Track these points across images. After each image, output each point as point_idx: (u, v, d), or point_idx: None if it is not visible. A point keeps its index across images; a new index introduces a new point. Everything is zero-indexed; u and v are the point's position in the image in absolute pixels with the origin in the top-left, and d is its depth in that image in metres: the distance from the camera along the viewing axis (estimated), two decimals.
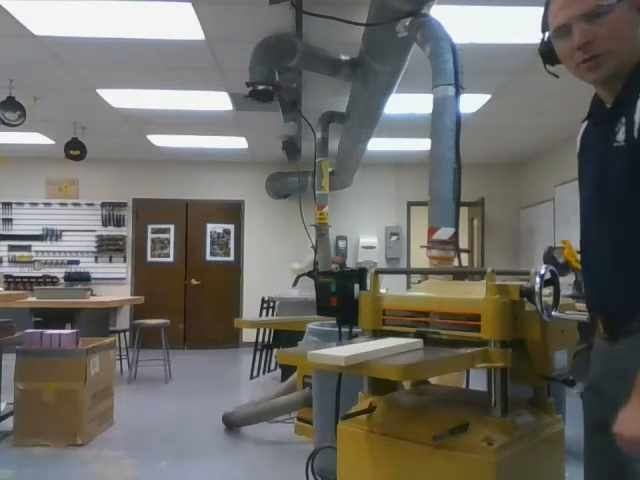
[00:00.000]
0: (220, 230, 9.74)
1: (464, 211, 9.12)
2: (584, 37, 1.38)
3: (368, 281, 2.25)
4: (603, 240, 1.45)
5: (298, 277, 7.65)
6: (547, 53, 1.54)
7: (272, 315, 7.34)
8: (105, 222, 9.52)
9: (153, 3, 4.07)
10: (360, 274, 2.34)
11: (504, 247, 9.45)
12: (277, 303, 7.20)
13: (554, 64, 1.53)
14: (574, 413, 1.97)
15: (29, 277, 9.16)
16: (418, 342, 1.88)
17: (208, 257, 9.70)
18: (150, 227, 9.63)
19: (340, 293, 2.29)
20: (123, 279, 9.50)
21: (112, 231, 9.53)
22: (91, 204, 9.51)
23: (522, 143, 8.24)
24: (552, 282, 1.77)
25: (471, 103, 6.00)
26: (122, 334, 7.07)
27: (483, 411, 1.84)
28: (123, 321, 9.01)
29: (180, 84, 5.80)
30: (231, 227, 9.75)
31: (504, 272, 2.06)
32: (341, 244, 9.52)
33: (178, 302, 9.52)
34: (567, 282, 5.10)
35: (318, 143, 6.17)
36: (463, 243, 7.18)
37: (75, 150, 7.24)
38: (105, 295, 8.26)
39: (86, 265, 9.43)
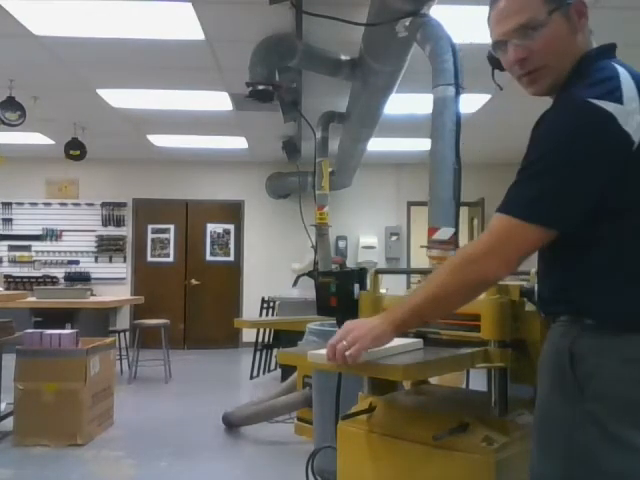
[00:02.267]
0: (220, 230, 9.74)
1: (464, 211, 9.11)
2: (518, 55, 1.39)
3: (368, 281, 2.25)
4: None
5: (298, 277, 7.65)
6: (493, 60, 1.52)
7: (272, 315, 7.33)
8: (105, 222, 9.51)
9: (153, 3, 4.07)
10: (360, 274, 2.34)
11: None
12: (277, 303, 7.19)
13: (502, 70, 1.52)
14: None
15: (29, 277, 9.16)
16: (418, 342, 1.88)
17: (208, 257, 9.69)
18: (150, 227, 9.62)
19: (340, 293, 2.29)
20: (123, 279, 9.50)
21: (112, 231, 9.53)
22: (91, 204, 9.50)
23: (522, 143, 8.16)
24: None
25: (471, 103, 6.00)
26: (122, 334, 7.06)
27: (483, 411, 1.84)
28: (123, 321, 9.00)
29: (180, 84, 5.80)
30: (231, 227, 9.74)
31: None
32: (341, 244, 9.52)
33: (178, 302, 9.52)
34: None
35: (318, 143, 6.16)
36: (463, 243, 7.14)
37: (75, 150, 7.24)
38: (105, 295, 8.25)
39: (86, 265, 9.43)
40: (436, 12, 3.53)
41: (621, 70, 1.30)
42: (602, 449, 1.26)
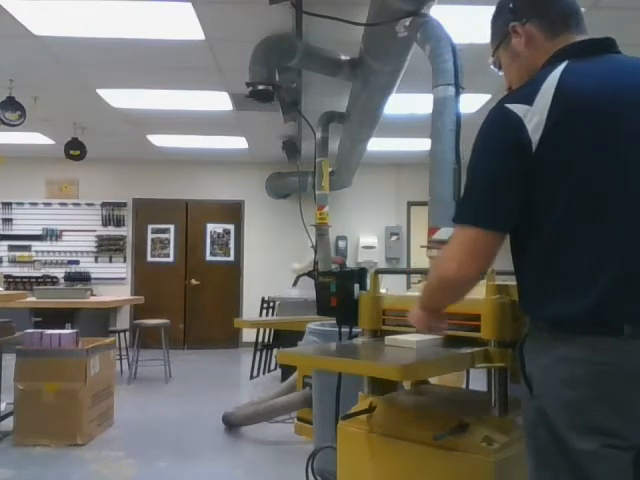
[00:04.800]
0: (220, 230, 9.74)
1: None
2: (505, 84, 1.63)
3: (368, 281, 2.25)
4: None
5: (298, 277, 7.65)
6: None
7: (272, 315, 7.33)
8: (105, 222, 9.51)
9: (153, 3, 4.07)
10: (360, 274, 2.34)
11: (504, 247, 9.43)
12: (277, 303, 7.19)
13: None
14: None
15: (29, 277, 9.15)
16: (438, 338, 1.92)
17: (208, 257, 9.70)
18: (150, 227, 9.62)
19: (340, 293, 2.29)
20: (123, 279, 9.50)
21: (112, 231, 9.53)
22: (91, 204, 9.50)
23: None
24: None
25: (471, 103, 6.00)
26: (122, 334, 7.06)
27: (483, 411, 1.84)
28: (123, 321, 9.00)
29: (180, 84, 5.80)
30: (231, 227, 9.74)
31: (504, 272, 2.06)
32: (341, 244, 9.52)
33: (178, 302, 9.52)
34: None
35: (318, 143, 6.16)
36: None
37: (75, 150, 7.24)
38: (105, 295, 8.25)
39: (86, 265, 9.42)
40: (436, 12, 3.53)
41: (553, 75, 1.36)
42: (549, 449, 1.30)
